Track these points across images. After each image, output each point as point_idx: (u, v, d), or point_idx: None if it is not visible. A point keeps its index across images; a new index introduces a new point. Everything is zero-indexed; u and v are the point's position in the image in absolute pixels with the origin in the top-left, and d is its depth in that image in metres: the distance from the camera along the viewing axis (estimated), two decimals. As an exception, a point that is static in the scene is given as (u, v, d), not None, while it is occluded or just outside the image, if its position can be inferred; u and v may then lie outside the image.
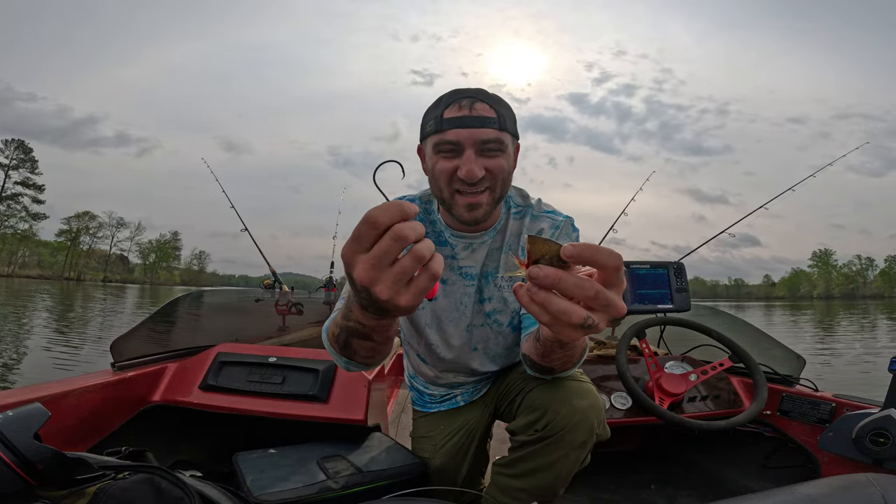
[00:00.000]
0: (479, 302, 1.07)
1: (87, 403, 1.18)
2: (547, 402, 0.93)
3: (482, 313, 1.07)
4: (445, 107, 0.90)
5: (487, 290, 1.06)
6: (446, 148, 0.89)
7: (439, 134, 0.89)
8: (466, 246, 1.04)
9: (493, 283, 1.06)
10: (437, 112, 0.91)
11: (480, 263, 1.05)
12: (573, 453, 0.92)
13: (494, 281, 1.06)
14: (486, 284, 1.06)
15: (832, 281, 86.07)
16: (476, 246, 1.04)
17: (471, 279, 1.06)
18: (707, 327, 1.60)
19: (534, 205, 1.08)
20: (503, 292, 1.06)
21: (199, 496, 0.73)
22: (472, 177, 0.88)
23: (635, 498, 1.58)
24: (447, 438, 1.17)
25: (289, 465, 1.12)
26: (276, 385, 1.37)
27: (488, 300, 1.07)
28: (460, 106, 0.89)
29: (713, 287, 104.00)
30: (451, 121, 0.88)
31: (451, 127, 0.88)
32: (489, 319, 1.08)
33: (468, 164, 0.88)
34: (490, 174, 0.90)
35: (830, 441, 1.28)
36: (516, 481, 0.99)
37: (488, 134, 0.88)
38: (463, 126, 0.88)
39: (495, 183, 0.92)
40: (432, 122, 0.91)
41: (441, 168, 0.90)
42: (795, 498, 0.55)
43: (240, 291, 6.75)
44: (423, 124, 0.96)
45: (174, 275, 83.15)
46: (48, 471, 0.66)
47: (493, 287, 1.06)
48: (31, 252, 69.25)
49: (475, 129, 0.88)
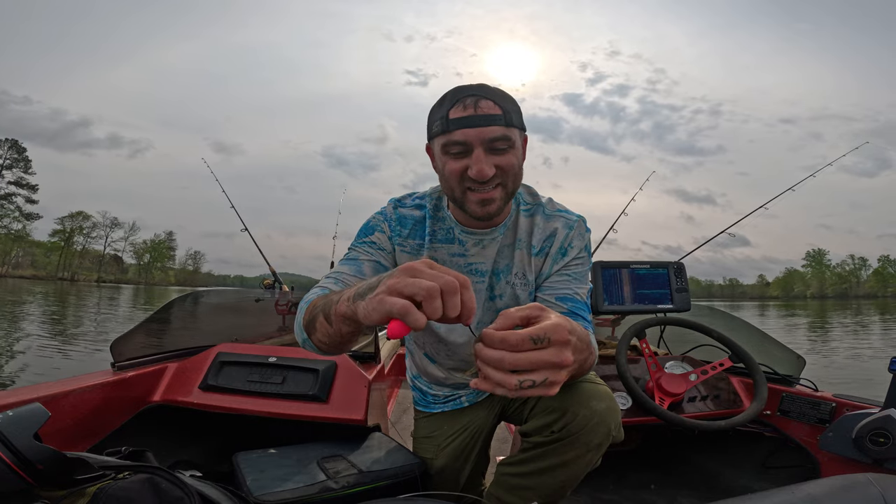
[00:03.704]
0: (489, 299, 1.07)
1: (87, 403, 1.17)
2: (565, 405, 0.93)
3: (493, 311, 1.07)
4: (450, 107, 0.90)
5: (499, 287, 1.07)
6: (455, 149, 0.89)
7: (446, 135, 0.89)
8: (477, 242, 1.04)
9: (504, 280, 1.06)
10: (442, 112, 0.91)
11: (491, 260, 1.05)
12: (588, 454, 0.93)
13: (506, 278, 1.06)
14: (497, 281, 1.06)
15: (826, 281, 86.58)
16: (487, 242, 1.04)
17: (481, 275, 1.06)
18: (707, 327, 1.61)
19: (545, 204, 1.08)
20: (515, 289, 1.06)
21: (199, 496, 0.73)
22: (482, 176, 0.88)
23: (635, 498, 1.58)
24: (451, 439, 1.17)
25: (289, 465, 1.12)
26: (276, 385, 1.37)
27: (500, 297, 1.07)
28: (465, 105, 0.89)
29: (708, 287, 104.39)
30: (456, 121, 0.88)
31: (458, 127, 0.88)
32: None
33: (478, 163, 0.88)
34: (501, 171, 0.91)
35: (830, 441, 1.29)
36: (525, 480, 0.99)
37: (495, 132, 0.88)
38: (469, 126, 0.88)
39: (506, 179, 0.92)
40: (438, 123, 0.91)
41: (451, 169, 0.91)
42: (796, 498, 0.55)
43: (240, 291, 6.72)
44: (429, 124, 0.95)
45: (169, 275, 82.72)
46: (48, 471, 0.65)
47: (504, 284, 1.06)
48: (24, 252, 68.79)
49: (482, 128, 0.88)
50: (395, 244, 1.06)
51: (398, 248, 1.06)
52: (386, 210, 1.09)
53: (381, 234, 1.05)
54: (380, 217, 1.08)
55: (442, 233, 1.05)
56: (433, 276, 0.54)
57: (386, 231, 1.06)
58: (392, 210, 1.08)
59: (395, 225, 1.06)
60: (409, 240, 1.06)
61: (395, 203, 1.09)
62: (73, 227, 72.88)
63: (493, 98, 0.90)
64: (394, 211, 1.08)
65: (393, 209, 1.08)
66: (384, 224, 1.06)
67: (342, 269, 0.97)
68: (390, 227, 1.06)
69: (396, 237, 1.06)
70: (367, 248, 1.03)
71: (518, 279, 1.06)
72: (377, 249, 1.03)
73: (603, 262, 1.74)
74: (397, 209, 1.08)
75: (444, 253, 1.05)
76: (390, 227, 1.06)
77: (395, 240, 1.06)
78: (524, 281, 1.06)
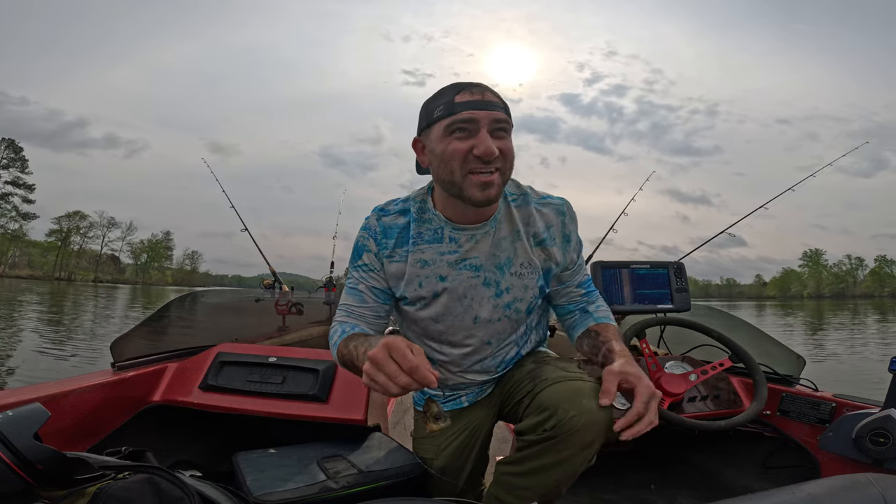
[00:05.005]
0: (496, 296, 1.07)
1: (87, 403, 1.17)
2: (556, 403, 0.93)
3: (500, 307, 1.08)
4: (455, 94, 0.93)
5: (504, 280, 1.07)
6: (461, 127, 0.91)
7: (451, 116, 0.92)
8: (469, 238, 1.04)
9: (509, 272, 1.07)
10: (445, 99, 0.94)
11: (485, 254, 1.05)
12: (581, 453, 0.93)
13: (511, 270, 1.07)
14: (501, 276, 1.07)
15: (823, 281, 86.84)
16: (480, 237, 1.04)
17: (476, 270, 1.06)
18: (707, 327, 1.61)
19: (530, 192, 1.10)
20: (523, 279, 1.07)
21: (198, 496, 0.73)
22: (489, 154, 0.90)
23: (635, 498, 1.59)
24: (451, 439, 1.16)
25: (289, 465, 1.12)
26: (277, 385, 1.37)
27: (506, 291, 1.07)
28: (472, 92, 0.93)
29: (705, 287, 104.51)
30: (463, 104, 0.92)
31: (465, 109, 0.91)
32: (509, 310, 1.09)
33: (485, 141, 0.90)
34: (501, 155, 0.93)
35: (830, 441, 1.29)
36: (521, 479, 0.99)
37: (500, 115, 0.93)
38: (477, 108, 0.91)
39: (505, 164, 0.95)
40: (442, 108, 0.93)
41: (455, 148, 0.92)
42: (796, 498, 0.56)
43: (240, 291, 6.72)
44: (425, 113, 0.98)
45: (166, 275, 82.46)
46: (48, 471, 0.65)
47: (510, 276, 1.07)
48: (21, 252, 68.56)
49: (489, 110, 0.92)
50: (382, 258, 1.07)
51: (386, 261, 1.07)
52: (370, 223, 1.09)
53: (368, 255, 1.08)
54: (365, 234, 1.08)
55: (429, 234, 1.05)
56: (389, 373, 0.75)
57: (372, 248, 1.07)
58: (376, 222, 1.08)
59: (381, 238, 1.07)
60: (397, 249, 1.06)
61: (379, 213, 1.09)
62: (70, 227, 72.64)
63: (494, 91, 0.95)
64: (377, 223, 1.08)
65: (377, 220, 1.08)
66: (370, 241, 1.07)
67: (349, 302, 1.08)
68: (376, 241, 1.07)
69: (383, 251, 1.07)
70: (362, 274, 1.08)
71: (525, 269, 1.07)
72: (369, 272, 1.08)
73: (603, 263, 1.74)
74: (381, 220, 1.08)
75: (433, 253, 1.05)
76: (376, 241, 1.07)
77: (382, 254, 1.07)
78: (531, 269, 1.08)
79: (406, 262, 1.05)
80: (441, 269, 1.05)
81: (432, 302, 1.07)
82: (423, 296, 1.06)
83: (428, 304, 1.08)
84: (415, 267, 1.05)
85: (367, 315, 1.08)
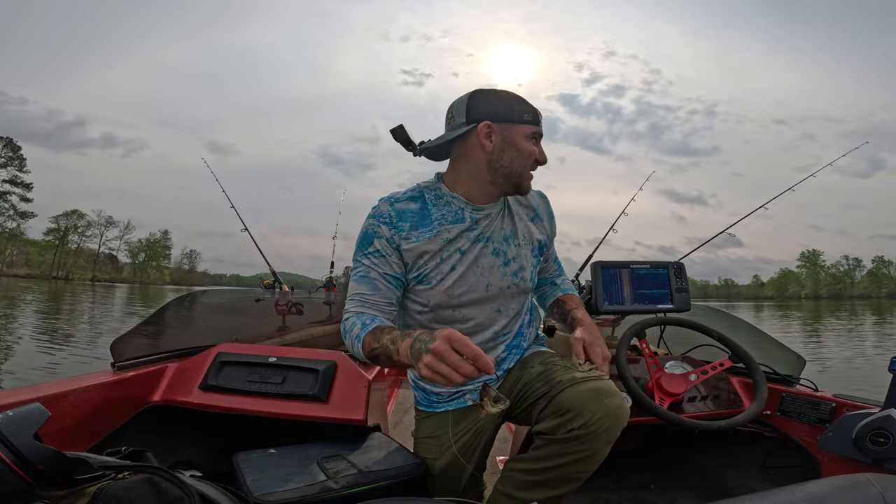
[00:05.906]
0: (504, 265, 1.19)
1: (87, 403, 1.17)
2: (579, 405, 0.99)
3: (508, 275, 1.19)
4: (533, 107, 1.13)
5: (510, 250, 1.20)
6: (537, 136, 1.14)
7: (536, 126, 1.13)
8: (486, 216, 1.17)
9: (513, 244, 1.21)
10: (528, 108, 1.12)
11: (496, 228, 1.19)
12: (605, 448, 1.00)
13: (514, 241, 1.21)
14: (507, 247, 1.20)
15: (820, 281, 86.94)
16: (493, 215, 1.18)
17: (487, 241, 1.17)
18: (707, 327, 1.61)
19: None
20: (522, 249, 1.22)
21: (199, 496, 0.73)
22: (546, 161, 1.16)
23: (635, 498, 1.59)
24: (455, 438, 1.17)
25: (289, 465, 1.12)
26: (276, 385, 1.37)
27: (513, 260, 1.20)
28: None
29: (704, 287, 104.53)
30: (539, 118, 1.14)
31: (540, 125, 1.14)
32: (517, 278, 1.20)
33: (544, 153, 1.16)
34: None
35: (830, 441, 1.29)
36: (539, 476, 1.03)
37: None
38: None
39: None
40: (531, 115, 1.12)
41: (532, 150, 1.13)
42: (796, 498, 0.56)
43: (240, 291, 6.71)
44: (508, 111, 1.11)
45: (164, 274, 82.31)
46: (48, 471, 0.65)
47: (514, 247, 1.21)
48: (18, 251, 68.39)
49: None
50: (400, 240, 1.10)
51: (404, 243, 1.10)
52: (381, 209, 1.12)
53: (380, 241, 1.10)
54: (375, 221, 1.11)
55: (451, 215, 1.14)
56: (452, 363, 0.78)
57: (385, 233, 1.09)
58: (389, 207, 1.12)
59: (397, 221, 1.10)
60: (413, 231, 1.11)
61: (390, 201, 1.14)
62: (68, 226, 72.41)
63: None
64: (391, 207, 1.12)
65: (390, 206, 1.12)
66: (382, 227, 1.10)
67: (362, 291, 1.10)
68: (390, 225, 1.10)
69: (400, 233, 1.10)
70: (374, 260, 1.10)
71: (524, 240, 1.23)
72: (381, 257, 1.10)
73: (603, 263, 1.74)
74: (394, 205, 1.13)
75: (456, 231, 1.13)
76: (390, 225, 1.10)
77: (399, 236, 1.10)
78: (528, 241, 1.24)
79: (426, 241, 1.11)
80: (461, 243, 1.13)
81: (449, 274, 1.13)
82: (442, 270, 1.12)
83: (445, 276, 1.13)
84: (436, 244, 1.11)
85: (381, 303, 1.10)
